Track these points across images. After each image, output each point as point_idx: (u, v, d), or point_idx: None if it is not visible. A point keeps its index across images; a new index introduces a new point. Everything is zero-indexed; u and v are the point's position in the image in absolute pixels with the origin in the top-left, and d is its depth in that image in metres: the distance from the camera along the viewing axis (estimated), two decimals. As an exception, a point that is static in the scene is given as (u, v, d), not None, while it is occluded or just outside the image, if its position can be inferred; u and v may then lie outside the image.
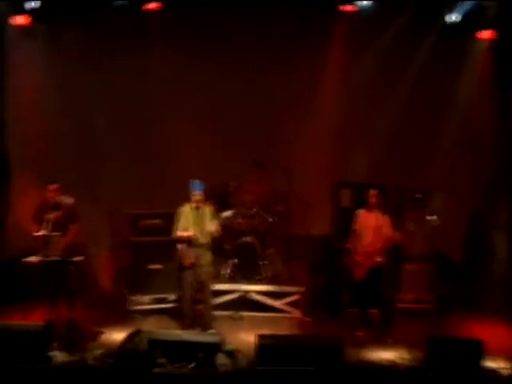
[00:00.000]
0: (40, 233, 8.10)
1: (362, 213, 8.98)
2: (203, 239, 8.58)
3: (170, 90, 10.39)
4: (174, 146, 10.52)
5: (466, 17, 10.01)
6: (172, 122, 10.47)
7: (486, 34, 10.18)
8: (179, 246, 8.63)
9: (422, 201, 9.93)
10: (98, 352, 7.73)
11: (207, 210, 8.69)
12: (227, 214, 8.75)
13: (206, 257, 8.65)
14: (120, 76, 10.45)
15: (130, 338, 7.64)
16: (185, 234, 8.55)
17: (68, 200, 8.49)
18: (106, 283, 9.80)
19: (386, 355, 8.12)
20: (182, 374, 7.33)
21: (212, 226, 8.55)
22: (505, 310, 9.26)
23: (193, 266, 8.56)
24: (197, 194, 8.54)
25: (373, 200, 8.85)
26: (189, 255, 8.55)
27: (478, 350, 7.54)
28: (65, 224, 8.38)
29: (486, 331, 8.55)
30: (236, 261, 9.68)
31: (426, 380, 7.45)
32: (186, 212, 8.62)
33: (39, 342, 7.44)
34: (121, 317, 9.13)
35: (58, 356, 7.61)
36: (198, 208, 8.58)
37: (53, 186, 8.44)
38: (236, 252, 9.69)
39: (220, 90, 10.64)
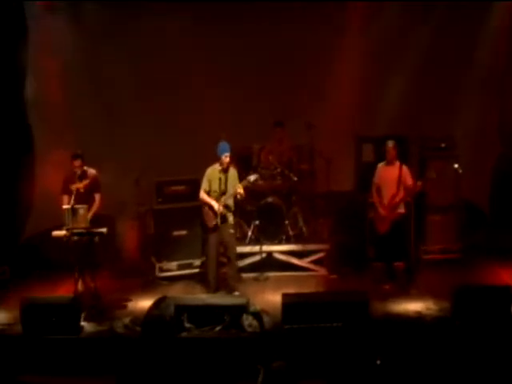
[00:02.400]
0: (69, 205, 8.14)
1: (382, 166, 8.91)
2: (229, 200, 8.62)
3: (191, 55, 10.29)
4: (197, 112, 10.45)
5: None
6: (194, 88, 10.38)
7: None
8: (205, 208, 8.69)
9: (446, 150, 9.76)
10: (127, 320, 7.88)
11: (233, 171, 8.72)
12: (253, 176, 8.71)
13: (230, 219, 8.70)
14: (142, 42, 10.38)
15: (156, 305, 7.73)
16: (211, 202, 8.60)
17: (91, 170, 8.59)
18: (133, 252, 9.94)
19: (412, 307, 8.09)
20: (208, 337, 7.43)
21: (239, 189, 8.55)
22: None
23: (216, 227, 8.61)
24: (228, 155, 8.58)
25: (391, 152, 8.75)
26: (213, 217, 8.61)
27: (506, 296, 7.49)
28: (90, 194, 8.49)
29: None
30: (259, 222, 9.66)
31: (454, 329, 7.42)
32: (213, 174, 8.67)
33: (69, 314, 7.60)
34: (148, 284, 9.24)
35: (88, 326, 7.80)
36: (225, 170, 8.63)
37: (77, 158, 8.48)
38: (259, 213, 9.64)
39: (240, 53, 10.52)
